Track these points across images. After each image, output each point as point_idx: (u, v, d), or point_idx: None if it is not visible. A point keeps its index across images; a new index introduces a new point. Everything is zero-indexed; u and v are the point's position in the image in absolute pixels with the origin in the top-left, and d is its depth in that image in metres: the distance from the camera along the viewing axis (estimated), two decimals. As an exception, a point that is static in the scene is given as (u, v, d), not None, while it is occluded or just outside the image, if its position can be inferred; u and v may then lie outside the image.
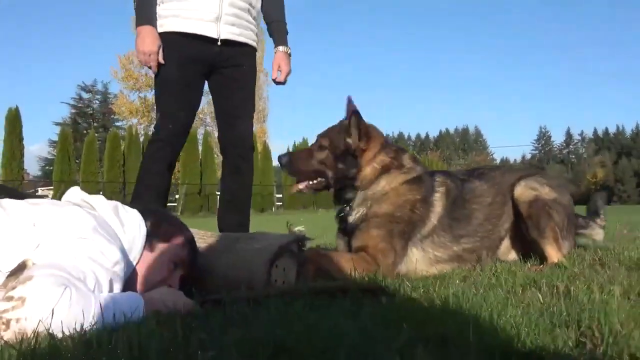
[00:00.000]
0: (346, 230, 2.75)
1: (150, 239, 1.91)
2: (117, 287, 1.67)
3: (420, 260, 2.67)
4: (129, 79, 46.83)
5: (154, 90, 3.43)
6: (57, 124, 52.02)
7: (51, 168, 38.03)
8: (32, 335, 1.35)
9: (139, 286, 1.86)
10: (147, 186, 3.25)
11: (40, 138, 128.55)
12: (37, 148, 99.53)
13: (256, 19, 3.52)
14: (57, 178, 27.79)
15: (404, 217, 2.65)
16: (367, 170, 2.71)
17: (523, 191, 2.87)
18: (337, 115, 2.92)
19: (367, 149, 2.72)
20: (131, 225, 1.87)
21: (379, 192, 2.68)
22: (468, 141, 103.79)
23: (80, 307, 1.45)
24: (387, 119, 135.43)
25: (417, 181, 2.74)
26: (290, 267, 2.35)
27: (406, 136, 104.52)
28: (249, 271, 2.21)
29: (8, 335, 1.37)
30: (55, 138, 36.71)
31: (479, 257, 2.78)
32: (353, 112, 2.73)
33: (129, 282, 1.79)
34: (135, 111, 46.79)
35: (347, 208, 2.74)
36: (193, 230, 2.41)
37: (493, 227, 2.86)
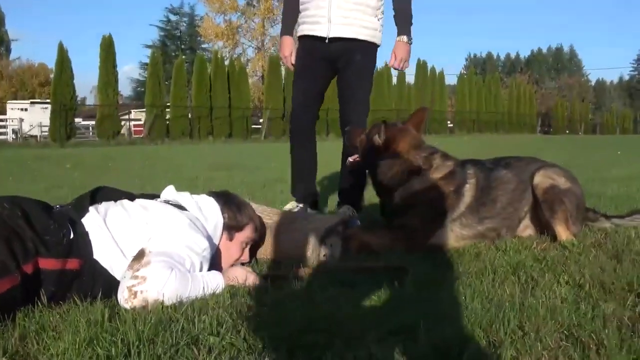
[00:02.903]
0: (387, 214, 3.40)
1: (229, 229, 2.61)
2: (205, 267, 2.39)
3: (448, 238, 3.25)
4: (214, 1, 47.42)
5: None
6: (147, 46, 54.23)
7: (142, 89, 39.93)
8: (151, 304, 2.09)
9: (221, 264, 2.58)
10: (297, 160, 4.42)
11: (132, 60, 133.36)
12: (128, 69, 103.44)
13: (376, 14, 4.17)
14: (149, 102, 29.35)
15: (437, 207, 3.23)
16: (392, 170, 3.27)
17: (541, 179, 3.34)
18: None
19: (389, 149, 3.30)
20: (212, 217, 2.56)
21: (414, 190, 3.24)
22: (562, 61, 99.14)
23: (182, 284, 2.17)
24: (475, 39, 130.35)
25: (448, 176, 3.27)
26: (336, 243, 3.00)
27: (495, 56, 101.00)
28: (303, 247, 2.88)
29: (136, 302, 2.10)
30: (146, 60, 38.35)
31: (498, 234, 3.33)
32: (384, 123, 3.38)
33: (212, 261, 2.49)
34: (221, 34, 47.71)
35: (388, 201, 3.35)
36: (261, 208, 3.10)
37: (514, 209, 3.37)
